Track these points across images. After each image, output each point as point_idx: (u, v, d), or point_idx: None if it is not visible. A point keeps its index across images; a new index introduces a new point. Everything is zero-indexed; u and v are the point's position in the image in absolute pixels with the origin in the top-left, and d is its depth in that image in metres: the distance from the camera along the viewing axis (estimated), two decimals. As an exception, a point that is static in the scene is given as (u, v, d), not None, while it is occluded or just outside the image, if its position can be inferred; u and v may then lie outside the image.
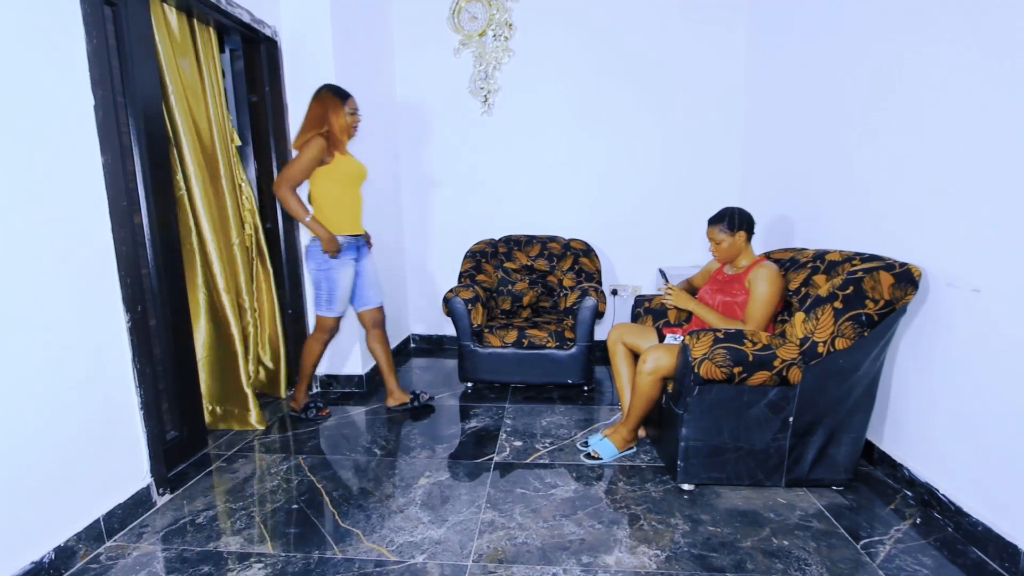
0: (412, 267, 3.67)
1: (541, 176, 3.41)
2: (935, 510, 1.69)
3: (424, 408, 2.59)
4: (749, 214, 2.01)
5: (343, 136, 2.22)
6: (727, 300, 2.00)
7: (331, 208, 2.24)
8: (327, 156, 2.18)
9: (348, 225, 2.30)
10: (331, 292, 2.29)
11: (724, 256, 2.03)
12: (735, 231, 1.98)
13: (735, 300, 1.97)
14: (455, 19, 3.30)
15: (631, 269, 3.45)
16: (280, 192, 2.14)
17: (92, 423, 1.57)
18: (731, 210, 2.00)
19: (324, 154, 2.16)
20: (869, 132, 2.03)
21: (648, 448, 2.16)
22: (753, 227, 2.02)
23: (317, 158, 2.15)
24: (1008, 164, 1.43)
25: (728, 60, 3.16)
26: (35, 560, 1.39)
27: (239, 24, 2.25)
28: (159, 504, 1.81)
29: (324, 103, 2.18)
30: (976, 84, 1.53)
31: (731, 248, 2.00)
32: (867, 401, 1.77)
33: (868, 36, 2.04)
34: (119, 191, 1.65)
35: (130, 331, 1.69)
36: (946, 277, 1.65)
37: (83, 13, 1.53)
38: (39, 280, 1.41)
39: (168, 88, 2.02)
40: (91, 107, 1.56)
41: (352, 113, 2.23)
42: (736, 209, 2.00)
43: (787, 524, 1.65)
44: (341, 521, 1.70)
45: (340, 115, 2.19)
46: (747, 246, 2.02)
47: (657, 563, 1.48)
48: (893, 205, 1.90)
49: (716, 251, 2.03)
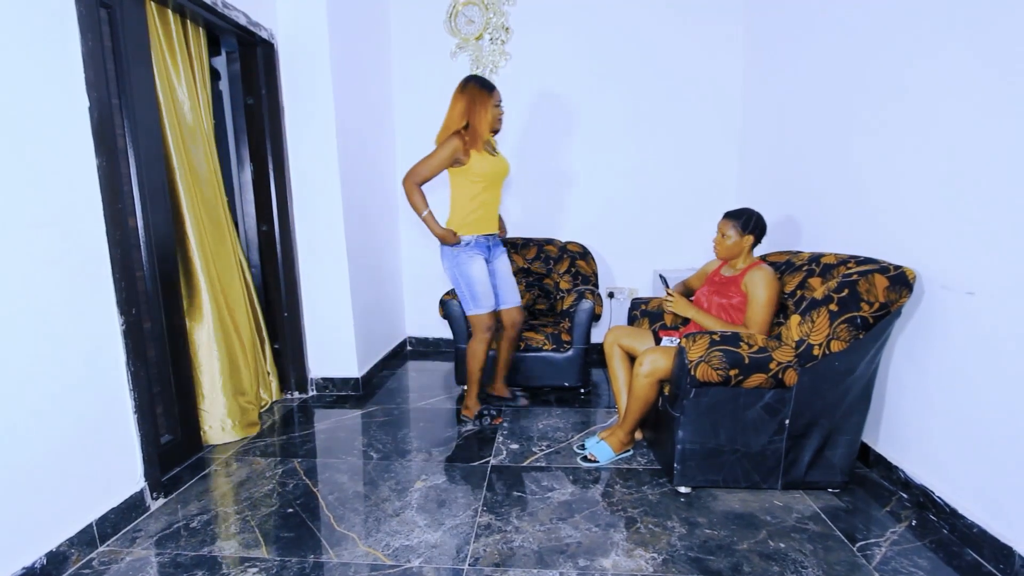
0: (409, 270, 3.67)
1: (537, 178, 3.41)
2: (931, 512, 1.69)
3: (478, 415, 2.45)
4: (765, 223, 2.02)
5: (487, 131, 2.15)
6: (723, 302, 2.00)
7: (464, 208, 2.21)
8: (462, 156, 2.12)
9: (482, 225, 2.25)
10: (470, 288, 2.24)
11: (724, 253, 2.03)
12: (745, 233, 1.98)
13: (730, 302, 1.98)
14: (452, 22, 3.31)
15: (628, 272, 3.46)
16: (405, 184, 2.15)
17: (85, 426, 1.56)
18: (751, 212, 2.01)
19: (458, 154, 2.11)
20: (867, 135, 2.04)
21: (645, 451, 2.16)
22: (763, 236, 2.02)
23: (449, 159, 2.12)
24: (1004, 168, 1.44)
25: (725, 63, 3.18)
26: (27, 566, 1.38)
27: (235, 26, 2.25)
28: (153, 508, 1.79)
29: (471, 96, 2.12)
30: (975, 90, 1.55)
31: (734, 247, 2.01)
32: (863, 403, 1.78)
33: (867, 40, 2.05)
34: (114, 193, 1.64)
35: (124, 334, 1.68)
36: (941, 279, 1.66)
37: (78, 14, 1.52)
38: (32, 283, 1.40)
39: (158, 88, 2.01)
40: (86, 109, 1.55)
41: (497, 105, 2.16)
42: (757, 214, 2.01)
43: (783, 526, 1.66)
44: (337, 525, 1.69)
45: (487, 108, 2.12)
46: (749, 251, 2.03)
47: (654, 566, 1.48)
48: (889, 208, 1.91)
49: (719, 245, 2.04)
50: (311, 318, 2.80)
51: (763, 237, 2.02)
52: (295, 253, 2.72)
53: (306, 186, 2.67)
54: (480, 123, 2.11)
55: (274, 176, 2.59)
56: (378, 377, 3.13)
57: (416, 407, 2.68)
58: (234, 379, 2.33)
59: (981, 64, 1.50)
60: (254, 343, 2.55)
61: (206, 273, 2.21)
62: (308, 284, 2.77)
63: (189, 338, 2.17)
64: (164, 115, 2.04)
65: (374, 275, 3.14)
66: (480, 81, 2.15)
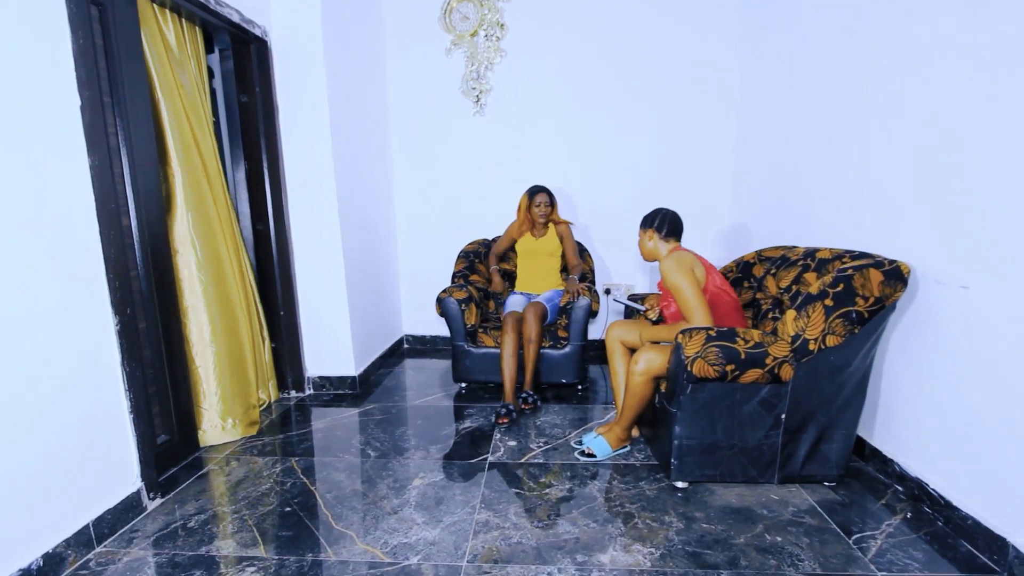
0: (405, 267, 3.66)
1: (534, 176, 3.40)
2: (925, 504, 1.70)
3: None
4: (670, 215, 2.03)
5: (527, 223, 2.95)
6: (672, 312, 2.05)
7: (517, 270, 3.06)
8: (517, 236, 3.00)
9: (521, 284, 3.01)
10: (504, 307, 2.87)
11: (643, 256, 2.11)
12: (646, 228, 2.04)
13: (676, 306, 1.99)
14: (447, 19, 3.30)
15: (624, 268, 3.46)
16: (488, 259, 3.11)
17: (81, 427, 1.55)
18: (653, 210, 2.07)
19: (515, 235, 3.00)
20: (860, 129, 2.05)
21: (642, 447, 2.16)
22: (668, 228, 2.01)
23: (506, 240, 3.05)
24: (997, 163, 1.45)
25: (721, 59, 3.18)
26: (23, 567, 1.37)
27: (228, 24, 2.24)
28: (150, 509, 1.79)
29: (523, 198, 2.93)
30: (963, 84, 1.55)
31: (643, 248, 2.08)
32: (858, 397, 1.79)
33: (859, 34, 2.05)
34: (107, 193, 1.63)
35: (119, 334, 1.67)
36: (935, 274, 1.67)
37: (68, 12, 1.51)
38: (25, 283, 1.39)
39: (156, 86, 2.00)
40: (78, 108, 1.54)
41: (537, 205, 2.87)
42: (656, 209, 2.06)
43: (780, 520, 1.66)
44: (335, 523, 1.69)
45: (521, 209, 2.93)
46: (663, 245, 2.03)
47: (651, 561, 1.48)
48: (884, 202, 1.91)
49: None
50: (307, 317, 2.79)
51: (669, 229, 2.01)
52: (291, 252, 2.71)
53: (301, 184, 2.66)
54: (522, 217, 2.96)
55: (269, 174, 2.57)
56: (375, 375, 3.13)
57: (413, 405, 2.68)
58: (236, 378, 2.32)
59: (974, 66, 1.51)
60: (254, 342, 2.54)
61: (207, 271, 2.19)
62: (304, 283, 2.76)
63: (187, 337, 2.16)
64: (164, 112, 2.02)
65: (370, 273, 3.14)
66: (528, 190, 2.92)
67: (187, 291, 2.17)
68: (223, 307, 2.28)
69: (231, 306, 2.36)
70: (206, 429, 2.24)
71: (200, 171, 2.20)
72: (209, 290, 2.22)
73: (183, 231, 2.14)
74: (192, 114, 2.18)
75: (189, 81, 2.18)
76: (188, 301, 2.18)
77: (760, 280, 2.22)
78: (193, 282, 2.18)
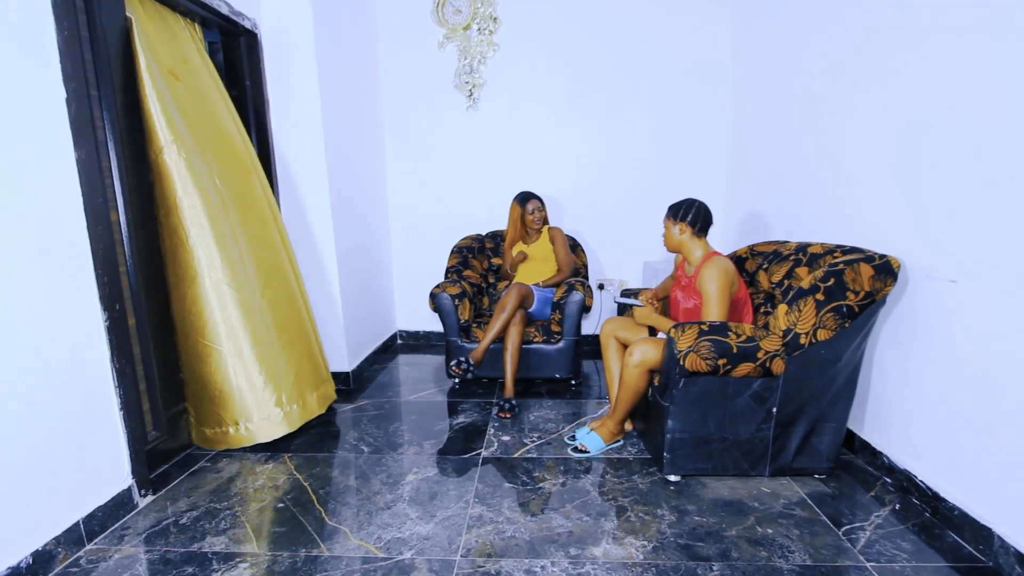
0: (398, 263, 3.65)
1: (527, 171, 3.40)
2: (913, 496, 1.73)
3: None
4: (704, 209, 1.98)
5: (519, 233, 3.02)
6: (688, 307, 2.00)
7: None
8: (515, 240, 3.04)
9: (519, 278, 3.03)
10: None
11: (668, 246, 2.07)
12: (677, 222, 1.98)
13: (697, 305, 1.96)
14: (439, 12, 3.27)
15: (618, 263, 3.47)
16: (503, 258, 3.12)
17: (70, 424, 1.54)
18: (685, 200, 2.01)
19: (514, 239, 3.03)
20: (851, 124, 2.06)
21: (635, 440, 2.18)
22: (702, 223, 1.97)
23: (508, 244, 3.04)
24: (985, 158, 1.46)
25: (716, 55, 3.18)
26: (11, 565, 1.36)
27: (217, 16, 2.20)
28: (141, 506, 1.78)
29: (513, 208, 2.98)
30: (954, 79, 1.56)
31: (669, 239, 2.03)
32: (848, 391, 1.81)
33: (852, 30, 2.06)
34: (94, 187, 1.61)
35: (108, 330, 1.65)
36: (924, 268, 1.68)
37: (52, 3, 1.48)
38: (11, 279, 1.37)
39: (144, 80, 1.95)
40: (63, 101, 1.52)
41: (531, 213, 2.93)
42: (690, 201, 2.00)
43: (771, 513, 1.68)
44: (328, 519, 1.69)
45: (514, 219, 2.98)
46: (695, 241, 1.99)
47: (644, 553, 1.49)
48: (874, 197, 1.93)
49: (663, 239, 2.08)
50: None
51: (702, 224, 1.97)
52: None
53: (293, 179, 2.64)
54: (517, 224, 3.00)
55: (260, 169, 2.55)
56: (369, 371, 3.12)
57: (407, 400, 2.68)
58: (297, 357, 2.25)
59: (970, 62, 1.52)
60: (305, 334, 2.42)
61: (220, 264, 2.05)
62: (296, 278, 2.74)
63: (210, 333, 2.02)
64: (162, 105, 1.95)
65: (363, 268, 3.12)
66: (517, 197, 2.98)
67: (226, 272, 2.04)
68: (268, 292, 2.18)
69: (275, 294, 2.26)
70: (256, 421, 2.09)
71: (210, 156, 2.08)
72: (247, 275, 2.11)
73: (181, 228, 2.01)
74: (194, 100, 2.08)
75: (188, 70, 2.10)
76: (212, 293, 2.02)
77: (752, 275, 2.23)
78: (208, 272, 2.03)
